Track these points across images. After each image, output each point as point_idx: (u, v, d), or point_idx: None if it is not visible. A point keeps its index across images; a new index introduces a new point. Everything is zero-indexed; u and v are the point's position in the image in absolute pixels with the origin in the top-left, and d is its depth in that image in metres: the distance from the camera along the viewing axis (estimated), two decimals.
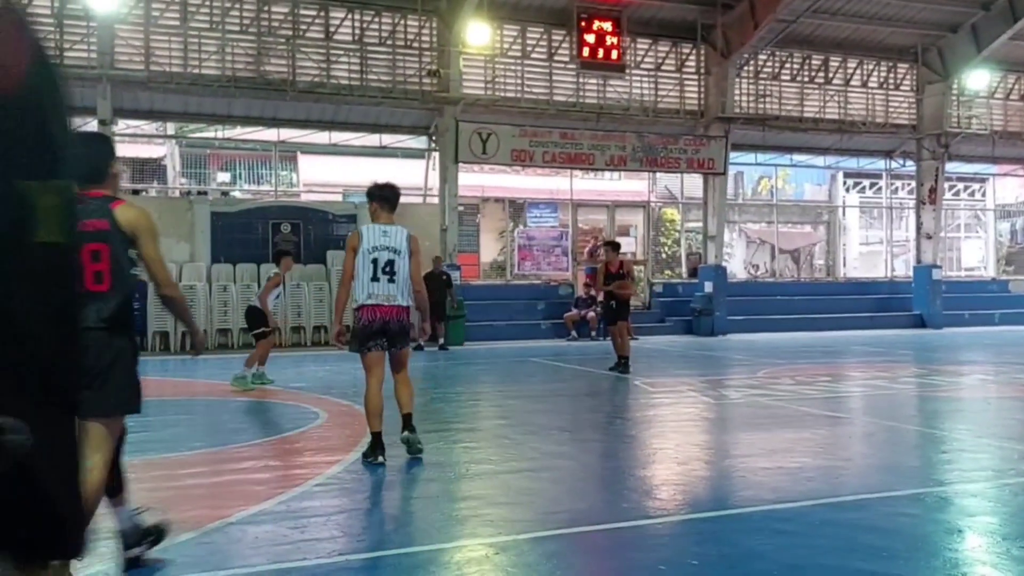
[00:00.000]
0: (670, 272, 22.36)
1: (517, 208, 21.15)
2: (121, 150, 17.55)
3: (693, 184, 21.15)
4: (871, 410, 9.02)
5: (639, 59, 19.38)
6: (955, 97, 21.92)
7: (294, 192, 20.80)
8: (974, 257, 26.63)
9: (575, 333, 17.91)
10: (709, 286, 19.43)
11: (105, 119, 15.20)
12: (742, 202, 24.96)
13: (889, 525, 4.43)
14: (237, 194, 20.51)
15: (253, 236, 16.96)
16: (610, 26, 18.43)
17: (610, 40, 18.44)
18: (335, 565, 3.86)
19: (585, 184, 21.62)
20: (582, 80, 18.83)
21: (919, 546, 4.13)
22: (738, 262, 24.47)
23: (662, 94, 19.50)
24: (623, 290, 11.50)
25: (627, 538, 4.35)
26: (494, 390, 10.78)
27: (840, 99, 21.15)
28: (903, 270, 23.85)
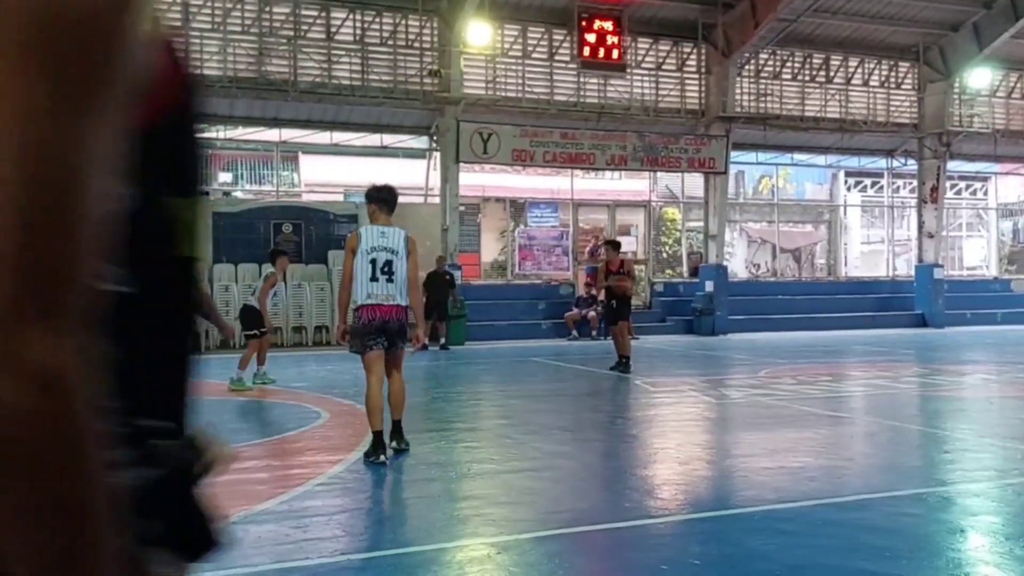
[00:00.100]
0: (671, 272, 22.35)
1: (518, 208, 21.15)
2: None
3: (694, 183, 21.14)
4: (873, 410, 9.01)
5: (640, 59, 19.38)
6: (957, 96, 21.89)
7: (295, 192, 20.80)
8: (976, 256, 26.61)
9: (576, 333, 17.91)
10: (710, 285, 19.42)
11: None
12: (743, 201, 24.95)
13: (891, 525, 4.42)
14: (239, 194, 20.51)
15: (255, 236, 16.96)
16: (611, 26, 18.42)
17: (611, 40, 18.43)
18: (337, 564, 3.86)
19: (586, 184, 21.61)
20: (583, 80, 18.82)
21: (921, 546, 4.12)
22: (739, 261, 24.47)
23: (663, 93, 19.49)
24: (620, 284, 11.45)
25: (629, 538, 4.35)
26: (495, 390, 10.78)
27: (841, 98, 21.13)
28: (905, 269, 23.83)
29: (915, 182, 22.62)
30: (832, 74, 21.10)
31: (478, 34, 17.37)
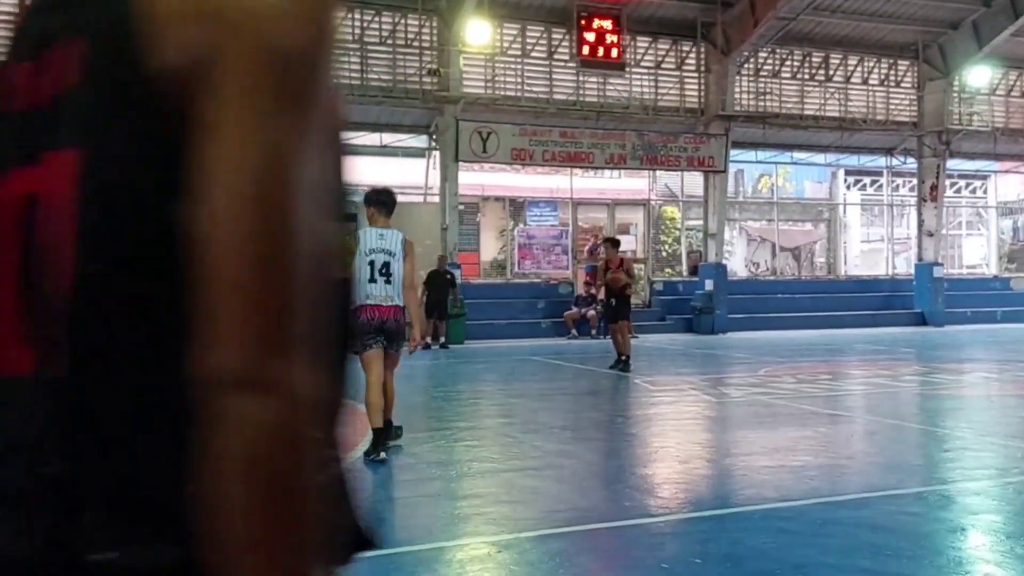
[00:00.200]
0: (670, 270, 22.35)
1: (517, 207, 21.14)
2: None
3: (693, 182, 21.13)
4: (873, 408, 9.01)
5: (639, 57, 19.37)
6: (956, 94, 21.88)
7: None
8: (976, 254, 26.61)
9: (575, 332, 17.90)
10: (710, 284, 19.42)
11: None
12: (743, 200, 24.93)
13: (892, 524, 4.42)
14: None
15: None
16: (610, 24, 18.40)
17: (610, 38, 18.41)
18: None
19: (585, 182, 21.60)
20: (582, 78, 18.81)
21: (922, 545, 4.12)
22: (739, 260, 24.46)
23: (662, 92, 19.48)
24: (614, 277, 11.38)
25: (630, 536, 4.34)
26: (495, 388, 10.77)
27: (841, 96, 21.12)
28: (904, 268, 23.83)
29: (915, 180, 22.61)
30: (831, 72, 21.09)
31: (477, 33, 17.36)
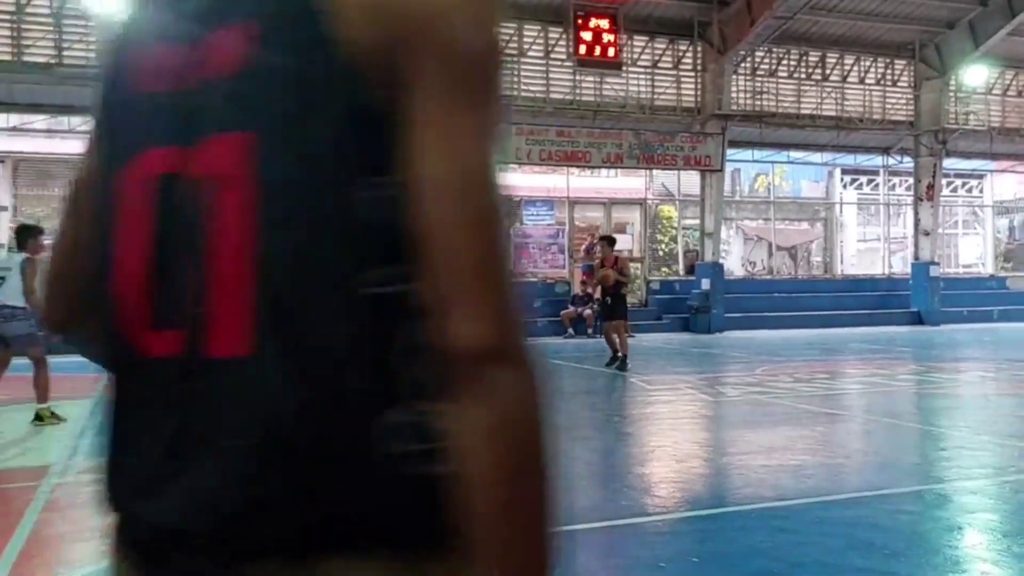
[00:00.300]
0: (667, 269, 22.35)
1: (513, 205, 21.14)
2: None
3: (690, 181, 21.14)
4: (870, 407, 9.01)
5: (636, 56, 19.36)
6: (952, 93, 21.92)
7: None
8: (972, 254, 26.66)
9: (572, 331, 17.89)
10: (706, 283, 19.42)
11: None
12: (739, 199, 24.95)
13: (889, 522, 4.41)
14: None
15: None
16: (607, 23, 18.39)
17: (607, 37, 18.40)
18: None
19: (582, 181, 21.59)
20: (579, 77, 18.80)
21: (919, 543, 4.12)
22: (735, 259, 24.47)
23: (659, 91, 19.48)
24: (604, 279, 11.34)
25: (626, 535, 4.34)
26: None
27: (837, 96, 21.13)
28: (901, 267, 23.86)
29: (911, 180, 22.63)
30: (828, 72, 21.10)
31: None
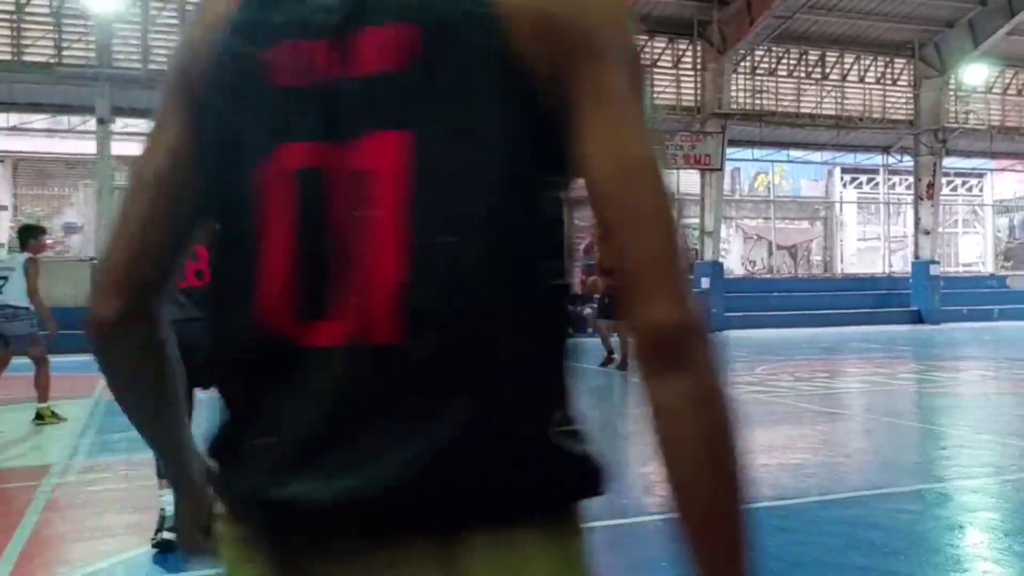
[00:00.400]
0: None
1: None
2: (119, 149, 17.51)
3: (690, 180, 21.13)
4: (870, 406, 9.02)
5: None
6: (952, 92, 21.92)
7: None
8: (972, 253, 26.68)
9: (571, 331, 17.86)
10: (706, 282, 19.42)
11: (104, 118, 15.16)
12: (739, 198, 24.95)
13: (889, 521, 4.43)
14: None
15: None
16: None
17: None
18: None
19: (582, 181, 21.58)
20: None
21: (919, 542, 4.13)
22: (735, 258, 24.48)
23: (658, 90, 19.48)
24: (594, 288, 11.33)
25: (628, 534, 4.35)
26: None
27: (837, 95, 21.14)
28: (901, 266, 23.87)
29: (911, 178, 22.63)
30: (828, 71, 21.11)
31: None
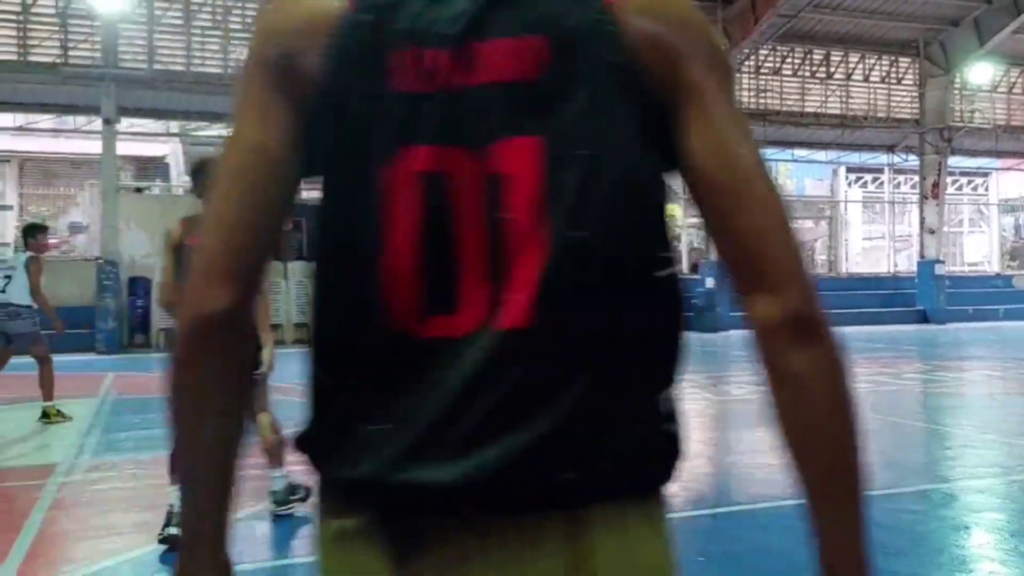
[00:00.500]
0: None
1: None
2: (125, 149, 17.58)
3: None
4: (875, 406, 9.02)
5: None
6: (958, 91, 21.88)
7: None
8: (978, 252, 26.62)
9: None
10: (711, 282, 19.41)
11: (109, 118, 15.20)
12: None
13: (894, 522, 4.43)
14: None
15: None
16: None
17: None
18: None
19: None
20: None
21: (924, 543, 4.14)
22: None
23: None
24: None
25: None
26: None
27: (842, 94, 21.12)
28: (906, 265, 23.84)
29: (916, 178, 22.60)
30: (832, 70, 21.08)
31: None
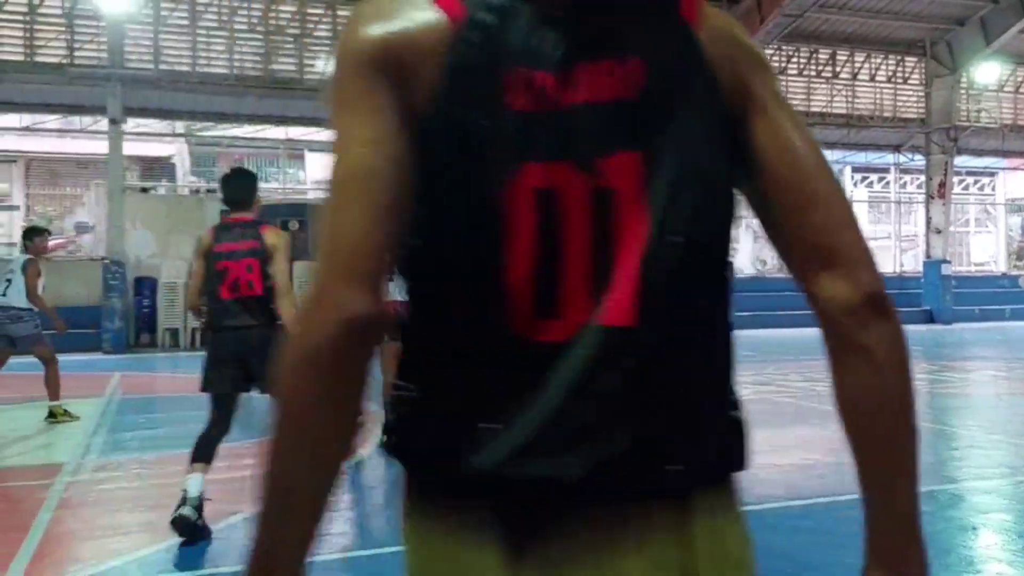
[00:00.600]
0: None
1: None
2: (131, 149, 17.61)
3: None
4: None
5: None
6: (964, 90, 21.82)
7: (301, 190, 20.83)
8: (984, 252, 26.54)
9: None
10: None
11: (115, 118, 15.23)
12: None
13: None
14: None
15: None
16: None
17: None
18: (345, 560, 3.87)
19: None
20: None
21: (932, 544, 4.06)
22: (745, 257, 24.42)
23: None
24: None
25: None
26: None
27: (848, 93, 21.07)
28: (912, 265, 23.78)
29: (922, 177, 22.54)
30: (838, 69, 21.04)
31: None
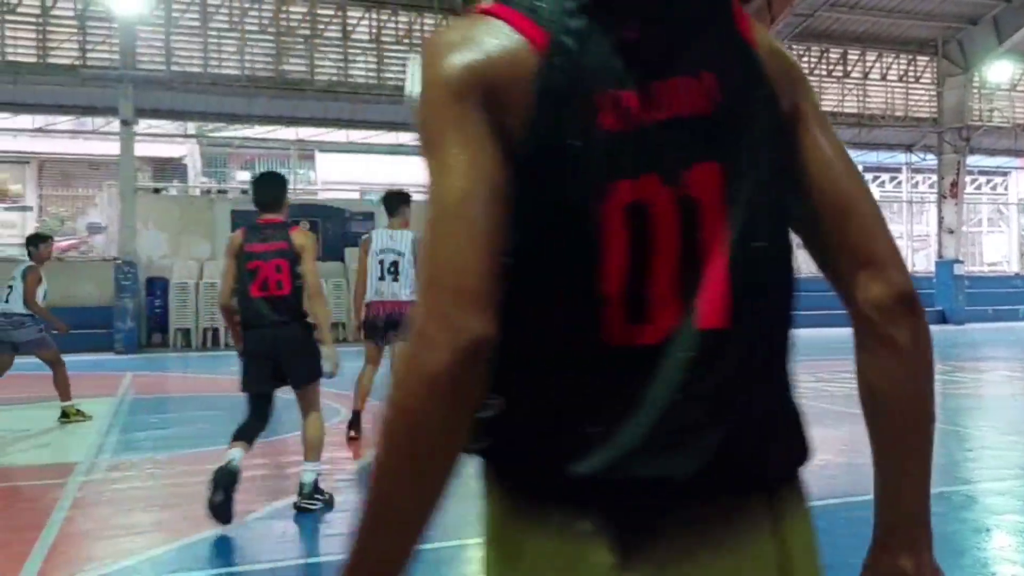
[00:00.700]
0: None
1: None
2: (142, 150, 17.70)
3: None
4: None
5: None
6: (976, 90, 21.69)
7: (312, 190, 20.88)
8: (997, 252, 26.38)
9: None
10: None
11: (127, 119, 15.32)
12: None
13: None
14: None
15: None
16: None
17: None
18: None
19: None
20: None
21: (946, 545, 4.10)
22: None
23: None
24: None
25: None
26: None
27: (859, 93, 20.98)
28: (924, 265, 23.66)
29: (934, 177, 22.43)
30: (850, 69, 20.96)
31: None
